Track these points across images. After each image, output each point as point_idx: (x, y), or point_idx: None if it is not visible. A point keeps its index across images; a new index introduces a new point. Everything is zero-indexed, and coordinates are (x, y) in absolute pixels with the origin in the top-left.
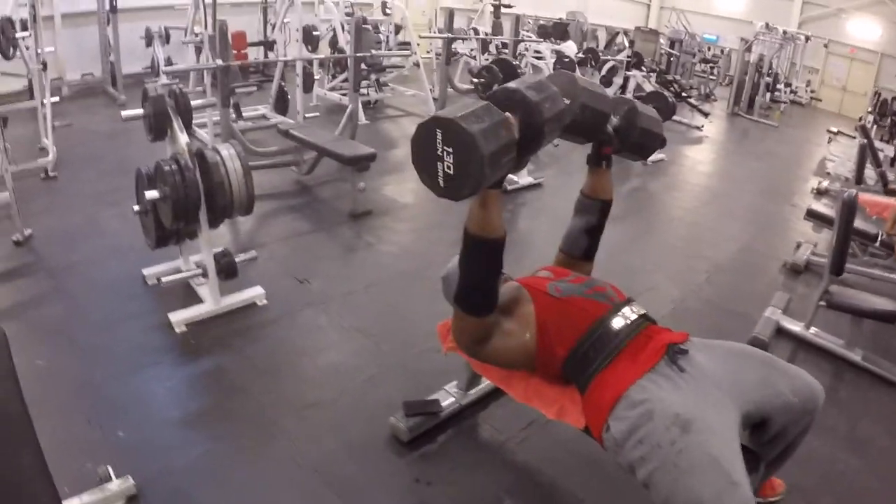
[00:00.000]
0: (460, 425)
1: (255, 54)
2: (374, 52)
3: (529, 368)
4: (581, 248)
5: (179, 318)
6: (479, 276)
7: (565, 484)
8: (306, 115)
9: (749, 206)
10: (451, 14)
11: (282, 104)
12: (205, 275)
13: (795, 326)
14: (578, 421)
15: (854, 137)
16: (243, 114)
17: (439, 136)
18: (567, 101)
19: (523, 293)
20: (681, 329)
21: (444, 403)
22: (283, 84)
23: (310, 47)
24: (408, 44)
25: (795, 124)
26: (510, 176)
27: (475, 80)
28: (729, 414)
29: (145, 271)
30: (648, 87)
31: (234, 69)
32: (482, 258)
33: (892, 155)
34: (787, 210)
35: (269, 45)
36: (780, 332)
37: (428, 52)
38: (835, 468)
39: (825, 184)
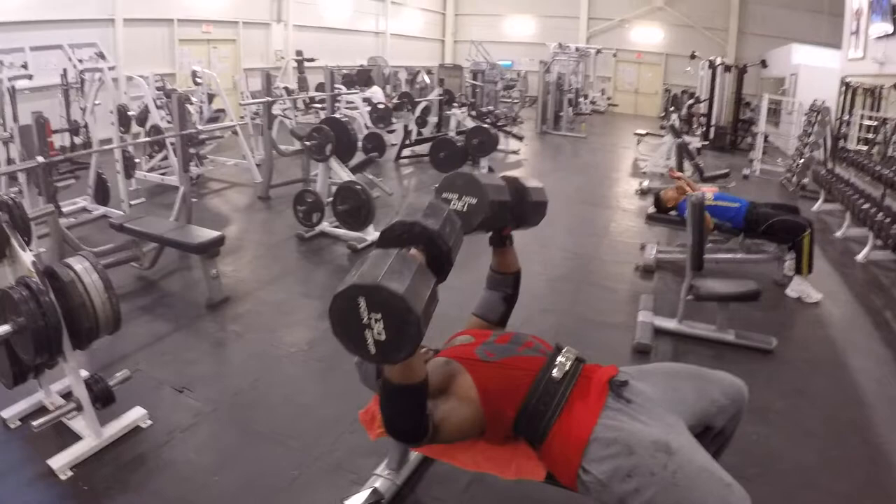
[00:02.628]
0: None
1: (59, 141)
2: (199, 127)
3: (478, 436)
4: (499, 313)
5: (61, 462)
6: (409, 420)
7: None
8: (131, 203)
9: (584, 219)
10: (268, 76)
11: (102, 193)
12: (79, 407)
13: (669, 324)
14: (538, 473)
15: (661, 136)
16: (63, 209)
17: (362, 303)
18: (475, 201)
19: (454, 366)
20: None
21: (383, 489)
22: (100, 172)
23: (123, 129)
24: (222, 111)
25: (600, 132)
26: (359, 235)
27: (306, 142)
28: (684, 427)
29: (4, 413)
30: (469, 123)
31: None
32: (409, 402)
33: (698, 146)
34: (619, 215)
35: (75, 130)
36: (657, 331)
37: (242, 118)
38: (750, 440)
39: (646, 183)
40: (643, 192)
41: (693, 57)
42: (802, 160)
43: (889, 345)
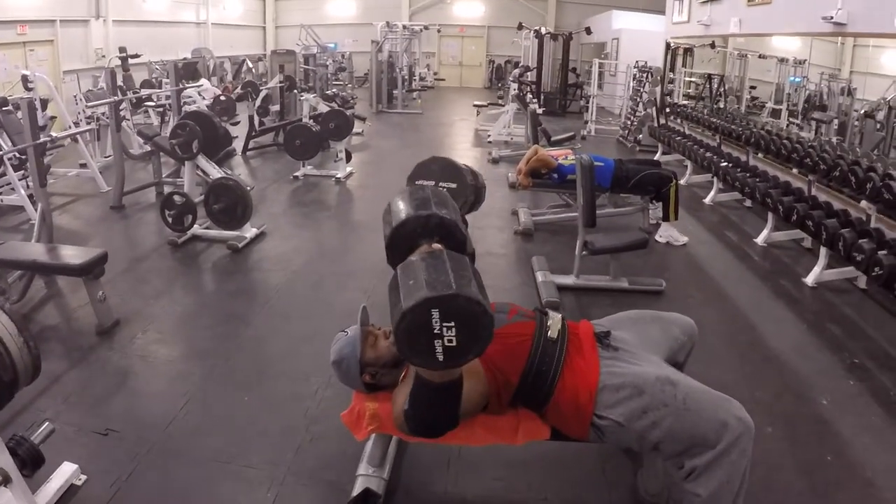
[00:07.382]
0: (393, 500)
1: None
2: (53, 134)
3: (481, 409)
4: None
5: None
6: (448, 416)
7: (521, 493)
8: None
9: None
10: (112, 74)
11: None
12: (5, 480)
13: (568, 280)
14: (543, 433)
15: (501, 106)
16: None
17: (436, 315)
18: (454, 186)
19: None
20: None
21: (374, 488)
22: None
23: None
24: (54, 117)
25: (433, 107)
26: (237, 233)
27: (171, 140)
28: (666, 364)
29: None
30: (323, 108)
31: None
32: (450, 399)
33: (538, 112)
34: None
35: None
36: (559, 288)
37: (76, 122)
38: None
39: (495, 151)
40: (495, 161)
41: (520, 27)
42: (637, 118)
43: (755, 272)
